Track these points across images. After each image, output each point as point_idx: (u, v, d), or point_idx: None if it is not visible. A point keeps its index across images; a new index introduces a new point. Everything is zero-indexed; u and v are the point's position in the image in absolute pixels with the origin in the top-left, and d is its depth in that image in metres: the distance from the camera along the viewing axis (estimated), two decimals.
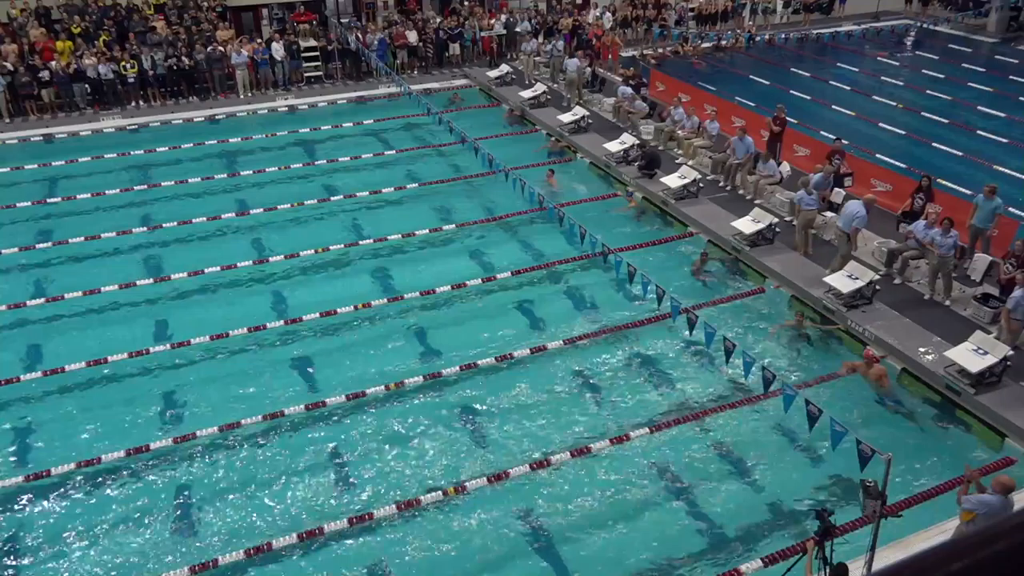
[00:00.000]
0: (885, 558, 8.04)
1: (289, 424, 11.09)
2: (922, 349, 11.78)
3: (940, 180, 16.49)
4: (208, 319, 13.34)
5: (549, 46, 24.73)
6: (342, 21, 26.00)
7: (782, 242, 14.78)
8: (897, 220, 14.92)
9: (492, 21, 26.97)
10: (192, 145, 20.41)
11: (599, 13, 28.92)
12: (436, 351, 12.77)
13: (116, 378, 12.11)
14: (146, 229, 16.46)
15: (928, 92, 24.61)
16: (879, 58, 28.40)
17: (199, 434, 10.74)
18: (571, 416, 11.30)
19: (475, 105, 23.64)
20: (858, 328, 12.39)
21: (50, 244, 15.85)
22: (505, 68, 24.70)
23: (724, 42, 28.89)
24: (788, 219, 15.33)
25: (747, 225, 14.83)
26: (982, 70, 26.63)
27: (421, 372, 12.01)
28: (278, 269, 15.06)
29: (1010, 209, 14.64)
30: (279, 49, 24.13)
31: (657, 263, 14.66)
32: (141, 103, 22.98)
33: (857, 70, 26.98)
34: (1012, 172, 18.52)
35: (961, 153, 19.83)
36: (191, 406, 11.56)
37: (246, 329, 12.91)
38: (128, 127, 21.77)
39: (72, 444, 10.73)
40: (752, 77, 25.63)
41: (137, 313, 13.77)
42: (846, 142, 17.81)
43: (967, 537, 1.13)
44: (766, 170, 16.68)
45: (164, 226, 16.50)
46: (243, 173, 19.11)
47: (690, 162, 18.26)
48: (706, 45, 28.89)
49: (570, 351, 12.63)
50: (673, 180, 16.83)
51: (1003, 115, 22.38)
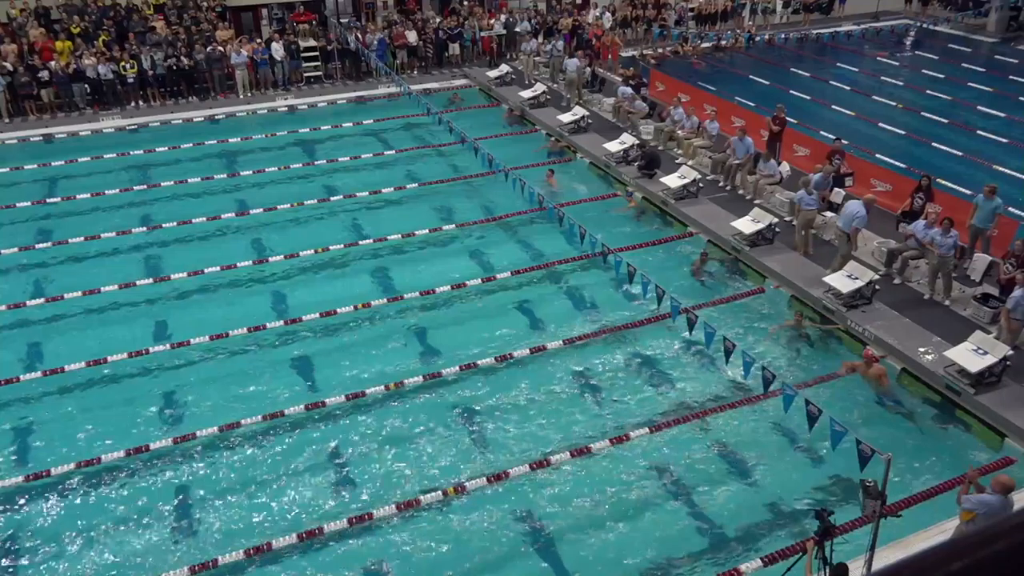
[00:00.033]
0: (885, 558, 8.04)
1: (289, 424, 11.09)
2: (922, 349, 11.79)
3: (940, 180, 16.50)
4: (208, 319, 13.35)
5: (549, 46, 24.72)
6: (342, 21, 26.00)
7: (782, 242, 14.78)
8: (897, 220, 14.93)
9: (492, 21, 26.97)
10: (192, 145, 20.42)
11: (599, 13, 28.92)
12: (436, 351, 12.77)
13: (116, 378, 12.11)
14: (146, 229, 16.46)
15: (928, 92, 24.61)
16: (879, 58, 28.41)
17: (199, 434, 10.75)
18: (571, 416, 11.30)
19: (475, 105, 23.64)
20: (858, 328, 12.40)
21: (50, 244, 15.86)
22: (505, 68, 24.70)
23: (724, 42, 28.89)
24: (788, 219, 15.33)
25: (747, 225, 14.83)
26: (982, 70, 26.63)
27: (421, 372, 12.01)
28: (278, 269, 15.06)
29: (1010, 209, 14.64)
30: (279, 49, 24.13)
31: (657, 263, 14.67)
32: (141, 103, 22.98)
33: (857, 70, 26.98)
34: (1012, 172, 18.53)
35: (961, 153, 19.84)
36: (191, 406, 11.56)
37: (246, 329, 12.92)
38: (128, 127, 21.77)
39: (72, 444, 10.74)
40: (752, 77, 25.63)
41: (137, 313, 13.78)
42: (846, 142, 17.81)
43: (967, 537, 1.13)
44: (767, 169, 16.68)
45: (164, 226, 16.50)
46: (243, 173, 19.11)
47: (690, 162, 18.26)
48: (706, 45, 28.89)
49: (570, 351, 12.63)
50: (673, 180, 16.83)
51: (1003, 115, 22.39)
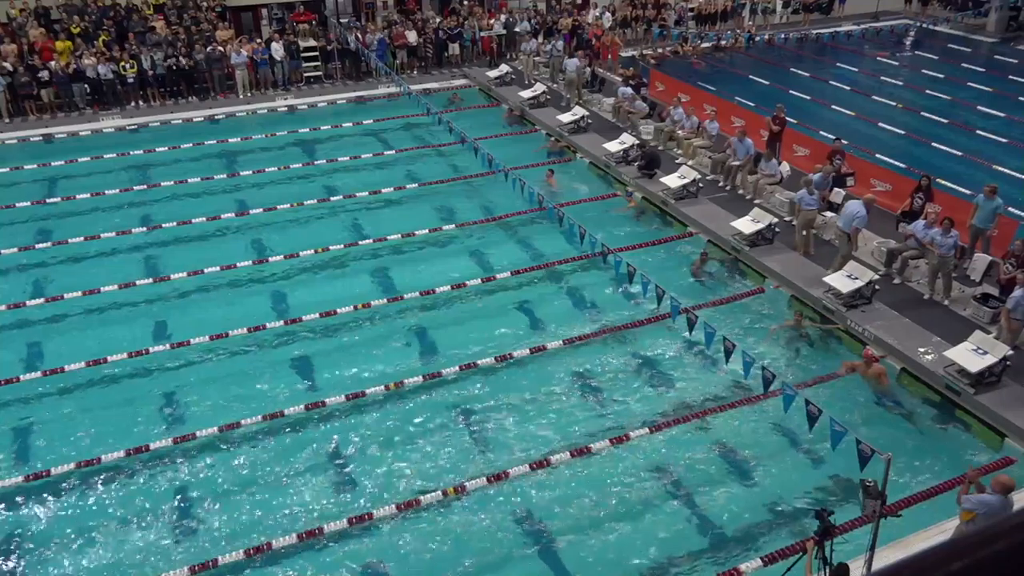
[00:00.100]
0: (885, 558, 8.04)
1: (289, 424, 11.09)
2: (922, 349, 11.79)
3: (940, 180, 16.50)
4: (208, 319, 13.35)
5: (549, 46, 24.72)
6: (342, 21, 25.99)
7: (782, 242, 14.78)
8: (897, 220, 14.93)
9: (492, 21, 26.97)
10: (192, 145, 20.41)
11: (599, 13, 28.92)
12: (436, 351, 12.77)
13: (116, 378, 12.11)
14: (146, 229, 16.46)
15: (928, 92, 24.61)
16: (879, 58, 28.41)
17: (199, 434, 10.75)
18: (571, 416, 11.30)
19: (475, 105, 23.64)
20: (858, 328, 12.40)
21: (50, 244, 15.85)
22: (505, 68, 24.70)
23: (724, 42, 28.89)
24: (788, 219, 15.33)
25: (747, 225, 14.83)
26: (982, 70, 26.63)
27: (421, 372, 12.01)
28: (278, 269, 15.06)
29: (1010, 209, 14.64)
30: (279, 49, 24.12)
31: (657, 263, 14.67)
32: (141, 103, 22.98)
33: (857, 70, 26.98)
34: (1012, 172, 18.53)
35: (960, 153, 19.84)
36: (191, 406, 11.56)
37: (246, 329, 12.92)
38: (128, 127, 21.77)
39: (72, 444, 10.74)
40: (752, 77, 25.63)
41: (137, 313, 13.78)
42: (846, 142, 17.81)
43: (967, 537, 1.14)
44: (768, 169, 16.68)
45: (164, 226, 16.50)
46: (243, 173, 19.11)
47: (690, 162, 18.26)
48: (706, 45, 28.89)
49: (570, 351, 12.63)
50: (673, 180, 16.83)
51: (1003, 115, 22.39)
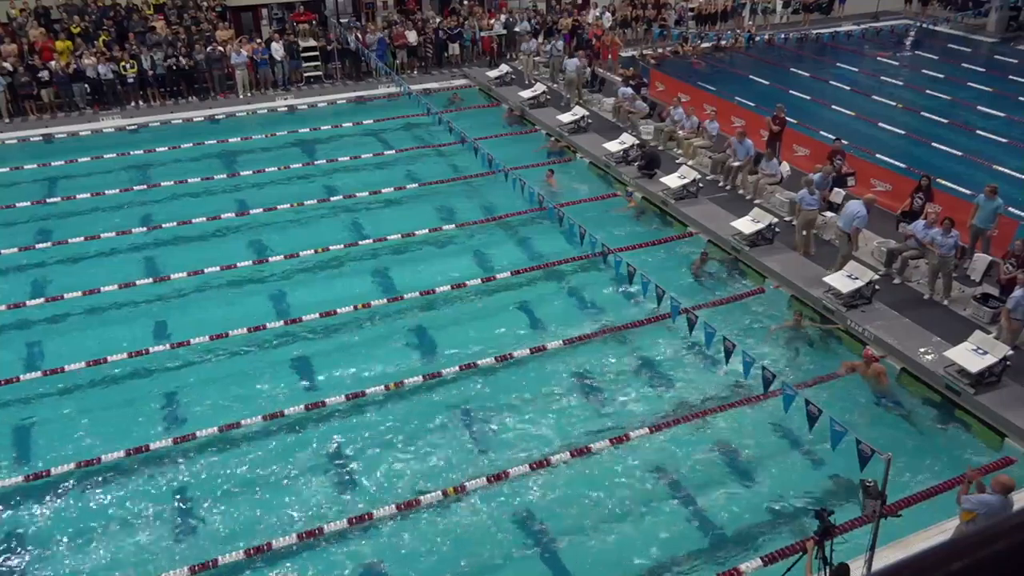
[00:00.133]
0: (885, 558, 8.04)
1: (289, 424, 11.09)
2: (922, 349, 11.78)
3: (940, 180, 16.50)
4: (208, 319, 13.35)
5: (549, 46, 24.72)
6: (342, 21, 25.99)
7: (782, 242, 14.78)
8: (897, 220, 14.93)
9: (492, 21, 26.97)
10: (192, 145, 20.41)
11: (599, 13, 28.92)
12: (436, 351, 12.77)
13: (116, 378, 12.11)
14: (146, 229, 16.46)
15: (928, 92, 24.61)
16: (879, 58, 28.41)
17: (199, 434, 10.74)
18: (571, 416, 11.30)
19: (475, 105, 23.64)
20: (858, 328, 12.40)
21: (50, 244, 15.85)
22: (505, 68, 24.70)
23: (724, 42, 28.89)
24: (788, 219, 15.33)
25: (747, 225, 14.83)
26: (982, 70, 26.63)
27: (421, 372, 12.01)
28: (278, 269, 15.06)
29: (1010, 209, 14.64)
30: (279, 49, 24.12)
31: (657, 263, 14.67)
32: (141, 103, 22.97)
33: (857, 70, 26.98)
34: (1012, 172, 18.52)
35: (960, 153, 19.84)
36: (191, 406, 11.56)
37: (246, 329, 12.92)
38: (128, 127, 21.77)
39: (72, 444, 10.74)
40: (752, 77, 25.63)
41: (137, 313, 13.77)
42: (846, 142, 17.82)
43: (967, 537, 1.13)
44: (769, 169, 16.68)
45: (164, 226, 16.49)
46: (243, 173, 19.11)
47: (690, 162, 18.26)
48: (706, 45, 28.89)
49: (570, 351, 12.63)
50: (673, 180, 16.83)
51: (1003, 115, 22.39)
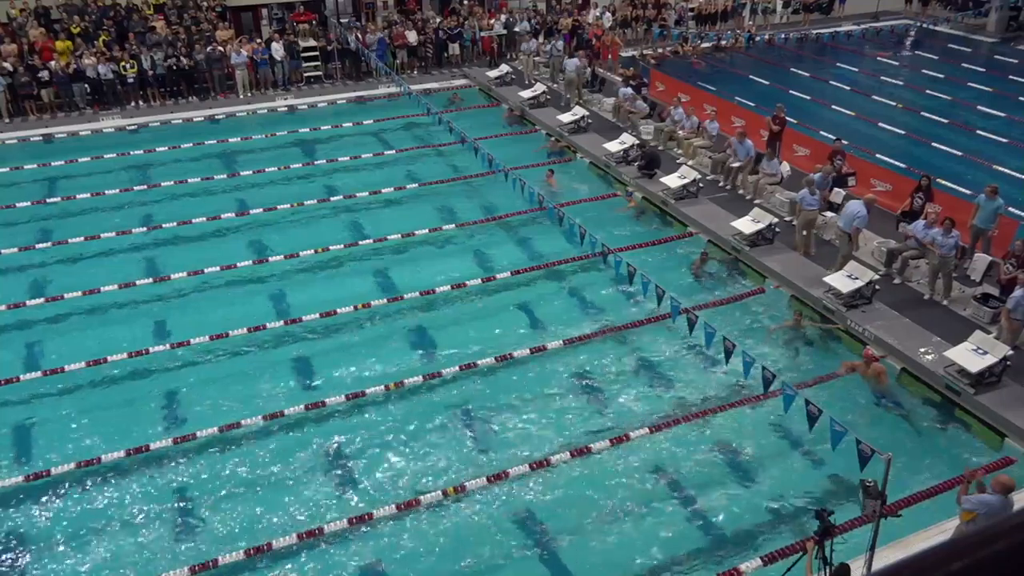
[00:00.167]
0: (885, 558, 8.04)
1: (289, 424, 11.09)
2: (922, 349, 11.78)
3: (940, 180, 16.50)
4: (208, 319, 13.34)
5: (549, 46, 24.71)
6: (342, 21, 25.99)
7: (782, 242, 14.78)
8: (897, 220, 14.93)
9: (492, 21, 26.96)
10: (192, 145, 20.40)
11: (599, 13, 28.92)
12: (436, 351, 12.77)
13: (116, 378, 12.11)
14: (146, 229, 16.45)
15: (928, 92, 24.61)
16: (879, 58, 28.41)
17: (199, 434, 10.75)
18: (571, 416, 11.30)
19: (475, 105, 23.64)
20: (858, 328, 12.39)
21: (50, 244, 15.85)
22: (505, 68, 24.70)
23: (724, 42, 28.89)
24: (788, 219, 15.33)
25: (747, 225, 14.83)
26: (982, 70, 26.63)
27: (421, 372, 12.01)
28: (278, 269, 15.06)
29: (1010, 209, 14.65)
30: (279, 49, 24.12)
31: (657, 263, 14.67)
32: (141, 103, 22.98)
33: (857, 70, 26.98)
34: (1012, 172, 18.52)
35: (961, 153, 19.84)
36: (191, 406, 11.56)
37: (246, 329, 12.92)
38: (128, 127, 21.77)
39: (72, 444, 10.74)
40: (752, 77, 25.63)
41: (137, 313, 13.77)
42: (846, 142, 17.81)
43: (967, 537, 1.13)
44: (769, 168, 16.68)
45: (164, 226, 16.49)
46: (243, 173, 19.10)
47: (690, 162, 18.26)
48: (706, 45, 28.89)
49: (570, 351, 12.63)
50: (673, 180, 16.83)
51: (1003, 115, 22.39)
